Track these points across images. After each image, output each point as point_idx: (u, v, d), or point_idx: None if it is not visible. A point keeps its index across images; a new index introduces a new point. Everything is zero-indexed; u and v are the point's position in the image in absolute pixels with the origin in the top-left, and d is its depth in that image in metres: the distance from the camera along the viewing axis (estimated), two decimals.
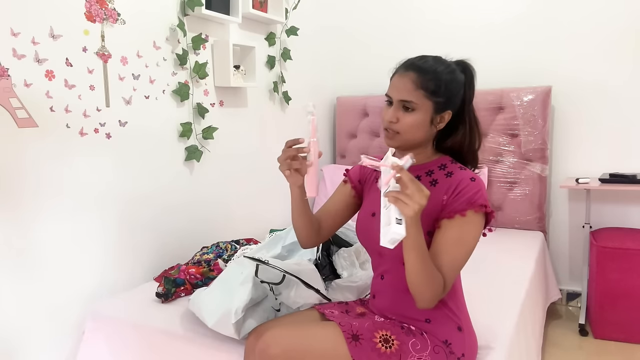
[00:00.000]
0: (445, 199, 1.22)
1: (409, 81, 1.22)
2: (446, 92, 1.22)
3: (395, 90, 1.24)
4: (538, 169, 2.80)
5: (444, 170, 1.28)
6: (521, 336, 1.72)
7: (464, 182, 1.21)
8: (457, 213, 1.19)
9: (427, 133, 1.26)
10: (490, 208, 1.21)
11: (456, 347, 1.26)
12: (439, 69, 1.23)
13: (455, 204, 1.20)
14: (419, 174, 1.29)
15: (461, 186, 1.21)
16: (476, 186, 1.21)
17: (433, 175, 1.28)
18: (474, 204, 1.19)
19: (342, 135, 3.36)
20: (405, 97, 1.21)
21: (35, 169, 1.71)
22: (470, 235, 1.20)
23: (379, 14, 3.28)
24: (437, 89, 1.21)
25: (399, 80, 1.24)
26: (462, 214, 1.19)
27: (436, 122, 1.26)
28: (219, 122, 2.47)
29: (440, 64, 1.24)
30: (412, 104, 1.21)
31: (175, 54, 2.22)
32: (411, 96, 1.21)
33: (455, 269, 1.19)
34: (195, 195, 2.38)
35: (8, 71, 1.61)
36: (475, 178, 1.23)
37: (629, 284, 2.43)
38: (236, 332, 1.44)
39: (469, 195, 1.19)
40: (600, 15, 2.71)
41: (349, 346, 1.20)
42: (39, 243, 1.74)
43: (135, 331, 1.69)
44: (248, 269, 1.53)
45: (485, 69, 2.96)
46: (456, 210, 1.19)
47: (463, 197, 1.20)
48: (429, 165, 1.30)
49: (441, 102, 1.23)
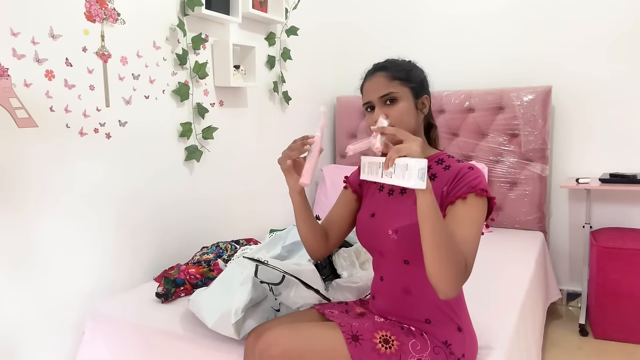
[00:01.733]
0: (445, 189, 1.23)
1: (381, 78, 1.28)
2: (415, 77, 1.30)
3: (372, 91, 1.29)
4: (538, 169, 2.80)
5: (442, 165, 1.29)
6: (521, 336, 1.72)
7: (462, 171, 1.23)
8: (458, 198, 1.19)
9: (416, 120, 1.30)
10: (490, 193, 1.21)
11: (456, 348, 1.26)
12: (400, 62, 1.33)
13: (455, 190, 1.21)
14: None
15: (460, 174, 1.22)
16: (474, 173, 1.22)
17: (431, 170, 1.29)
18: (475, 187, 1.19)
19: (342, 135, 3.36)
20: (384, 91, 1.26)
21: (35, 169, 1.71)
22: (475, 215, 1.19)
23: (379, 14, 3.28)
24: (408, 75, 1.29)
25: (371, 82, 1.30)
26: (463, 198, 1.19)
27: (420, 106, 1.30)
28: (219, 122, 2.47)
29: (399, 60, 1.34)
30: (393, 94, 1.26)
31: (175, 53, 2.21)
32: (389, 88, 1.26)
33: (471, 253, 1.15)
34: (195, 195, 2.38)
35: (8, 71, 1.61)
36: (473, 167, 1.24)
37: (629, 284, 2.43)
38: (236, 333, 1.44)
39: (469, 181, 1.20)
40: (600, 15, 2.71)
41: (348, 347, 1.20)
42: (39, 243, 1.74)
43: (135, 331, 1.69)
44: (248, 269, 1.53)
45: (485, 69, 3.01)
46: (457, 195, 1.20)
47: (462, 183, 1.20)
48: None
49: (415, 87, 1.29)
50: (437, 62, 3.09)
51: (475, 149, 2.94)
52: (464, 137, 2.95)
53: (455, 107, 2.96)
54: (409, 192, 1.30)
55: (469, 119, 2.94)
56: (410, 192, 1.29)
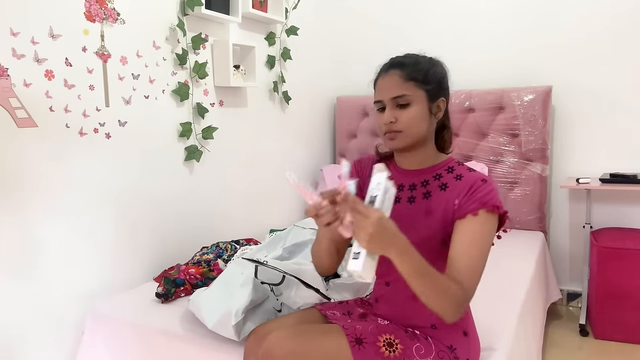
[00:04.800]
0: (457, 202, 1.19)
1: (396, 77, 1.20)
2: (434, 78, 1.22)
3: (385, 90, 1.21)
4: (538, 169, 2.80)
5: (453, 173, 1.25)
6: (521, 336, 1.71)
7: (476, 184, 1.19)
8: (469, 213, 1.16)
9: (429, 125, 1.23)
10: (503, 209, 1.18)
11: (461, 352, 1.25)
12: (420, 60, 1.24)
13: (467, 205, 1.17)
14: (426, 178, 1.27)
15: (473, 188, 1.19)
16: (488, 187, 1.18)
17: (442, 179, 1.25)
18: (487, 204, 1.16)
19: (342, 135, 3.36)
20: (397, 92, 1.19)
21: (34, 168, 1.71)
22: (485, 235, 1.16)
23: (379, 14, 3.28)
24: (425, 76, 1.20)
25: (385, 80, 1.22)
26: (474, 214, 1.16)
27: (434, 110, 1.23)
28: (218, 122, 2.47)
29: (419, 57, 1.25)
30: (406, 98, 1.19)
31: (175, 53, 2.21)
32: (403, 90, 1.19)
33: (475, 272, 1.14)
34: (195, 195, 2.38)
35: (7, 71, 1.61)
36: (487, 180, 1.20)
37: (629, 284, 2.43)
38: (236, 334, 1.43)
39: (481, 195, 1.17)
40: (601, 15, 2.71)
41: (352, 350, 1.19)
42: (39, 242, 1.74)
43: (135, 331, 1.68)
44: (248, 269, 1.53)
45: (485, 69, 3.01)
46: (468, 211, 1.17)
47: (475, 198, 1.17)
48: (436, 169, 1.27)
49: (432, 89, 1.21)
50: None
51: (476, 149, 2.93)
52: (464, 137, 2.95)
53: (456, 107, 2.95)
54: (418, 201, 1.26)
55: (469, 119, 2.94)
56: (419, 202, 1.26)
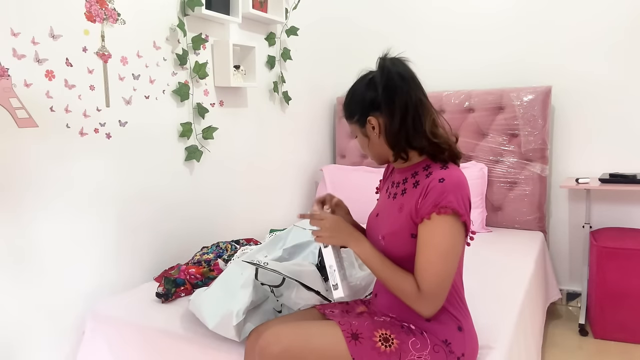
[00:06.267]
0: (419, 202, 1.21)
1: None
2: (355, 107, 1.32)
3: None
4: (538, 169, 2.80)
5: (426, 171, 1.27)
6: (521, 336, 1.72)
7: (432, 184, 1.20)
8: (424, 217, 1.19)
9: (377, 146, 1.31)
10: (457, 209, 1.16)
11: (456, 347, 1.26)
12: (349, 92, 1.36)
13: (423, 209, 1.20)
14: (405, 176, 1.32)
15: (429, 188, 1.20)
16: (441, 187, 1.17)
17: (417, 177, 1.28)
18: (437, 205, 1.17)
19: (342, 135, 3.36)
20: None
21: (35, 169, 1.71)
22: (440, 238, 1.17)
23: (380, 13, 3.28)
24: (348, 110, 1.34)
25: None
26: (427, 218, 1.18)
27: (369, 133, 1.30)
28: (219, 122, 2.47)
29: (350, 89, 1.36)
30: (353, 132, 1.38)
31: (175, 54, 2.21)
32: (349, 127, 1.38)
33: (432, 275, 1.17)
34: (195, 195, 2.38)
35: (8, 71, 1.61)
36: (445, 178, 1.19)
37: (629, 284, 2.43)
38: (237, 335, 1.43)
39: (434, 198, 1.18)
40: (601, 15, 2.71)
41: (348, 345, 1.20)
42: (39, 243, 1.74)
43: (135, 331, 1.69)
44: (248, 270, 1.53)
45: (485, 69, 3.01)
46: (423, 215, 1.19)
47: (429, 200, 1.18)
48: (414, 167, 1.31)
49: (358, 117, 1.31)
50: (438, 62, 3.09)
51: (475, 149, 2.94)
52: (464, 137, 2.95)
53: (455, 107, 2.96)
54: (397, 197, 1.31)
55: (468, 119, 2.94)
56: (398, 198, 1.31)
